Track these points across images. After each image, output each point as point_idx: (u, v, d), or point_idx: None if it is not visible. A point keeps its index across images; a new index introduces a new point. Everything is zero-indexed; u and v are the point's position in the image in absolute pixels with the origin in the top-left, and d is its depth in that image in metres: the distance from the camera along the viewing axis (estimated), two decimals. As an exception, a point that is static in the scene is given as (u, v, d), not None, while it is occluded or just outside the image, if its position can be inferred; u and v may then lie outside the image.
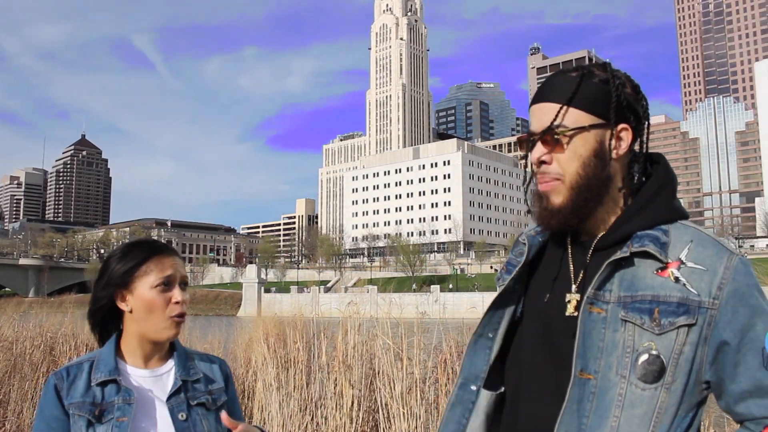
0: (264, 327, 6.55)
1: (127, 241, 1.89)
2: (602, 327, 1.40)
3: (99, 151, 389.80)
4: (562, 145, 1.47)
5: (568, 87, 1.47)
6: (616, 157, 1.48)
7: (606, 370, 1.38)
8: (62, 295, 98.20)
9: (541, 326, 1.52)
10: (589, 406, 1.37)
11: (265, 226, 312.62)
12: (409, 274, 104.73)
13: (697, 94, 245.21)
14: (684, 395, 1.37)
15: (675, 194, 1.51)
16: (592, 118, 1.46)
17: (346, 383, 5.64)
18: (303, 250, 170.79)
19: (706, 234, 1.44)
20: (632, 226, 1.44)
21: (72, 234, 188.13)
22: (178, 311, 1.87)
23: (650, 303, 1.37)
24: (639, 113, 1.51)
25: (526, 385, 1.52)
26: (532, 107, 1.54)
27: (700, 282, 1.37)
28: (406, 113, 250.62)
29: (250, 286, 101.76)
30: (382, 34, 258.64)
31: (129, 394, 1.81)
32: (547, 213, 1.50)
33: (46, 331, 9.37)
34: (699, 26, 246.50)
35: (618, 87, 1.47)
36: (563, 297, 1.50)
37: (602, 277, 1.42)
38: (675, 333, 1.35)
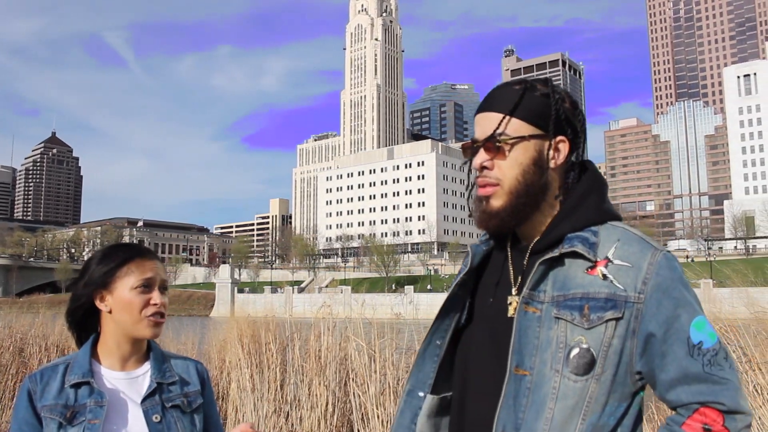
0: (238, 328, 6.52)
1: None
2: (537, 326, 1.48)
3: (70, 149, 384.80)
4: (503, 152, 1.55)
5: (511, 98, 1.57)
6: (553, 166, 1.57)
7: (541, 366, 1.46)
8: (32, 296, 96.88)
9: (486, 329, 1.61)
10: (525, 401, 1.45)
11: (238, 226, 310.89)
12: (383, 274, 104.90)
13: (668, 98, 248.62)
14: (614, 385, 1.45)
15: (604, 197, 1.60)
16: (533, 129, 1.55)
17: (321, 384, 5.65)
18: (277, 251, 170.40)
19: (633, 233, 1.54)
20: (563, 229, 1.54)
21: (42, 233, 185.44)
22: (155, 311, 1.88)
23: (581, 300, 1.46)
24: (576, 127, 1.61)
25: (472, 386, 1.60)
26: (477, 116, 1.63)
27: (626, 278, 1.45)
28: (381, 114, 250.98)
29: (224, 287, 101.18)
30: (357, 34, 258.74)
31: (101, 396, 1.81)
32: (486, 215, 1.59)
33: (15, 333, 9.24)
34: (670, 31, 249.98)
35: (558, 101, 1.57)
36: (505, 300, 1.58)
37: (535, 277, 1.51)
38: (603, 327, 1.44)
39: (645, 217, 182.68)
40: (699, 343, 1.43)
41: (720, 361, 1.43)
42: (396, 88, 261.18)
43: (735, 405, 1.40)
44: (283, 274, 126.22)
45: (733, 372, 1.44)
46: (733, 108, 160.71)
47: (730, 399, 1.41)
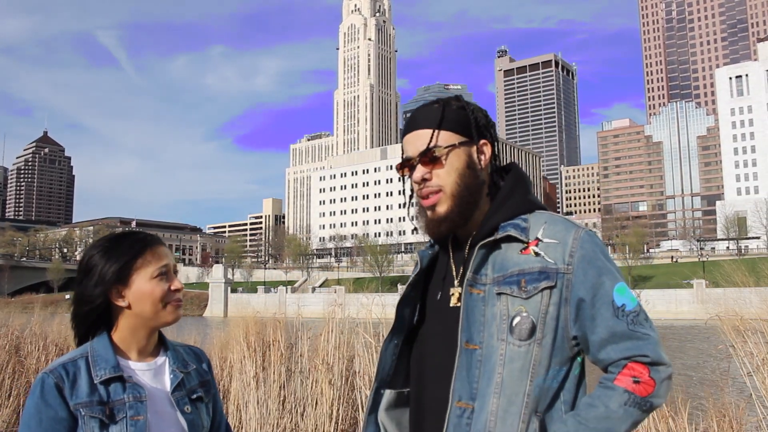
0: (244, 325, 6.47)
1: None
2: (482, 305, 1.66)
3: (62, 148, 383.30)
4: (440, 162, 1.73)
5: (434, 115, 1.77)
6: (483, 167, 1.78)
7: (489, 339, 1.63)
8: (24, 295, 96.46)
9: (437, 320, 1.78)
10: (478, 372, 1.62)
11: (231, 225, 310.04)
12: (377, 274, 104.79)
13: (661, 99, 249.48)
14: (554, 349, 1.62)
15: (529, 190, 1.80)
16: (460, 137, 1.75)
17: (326, 382, 5.61)
18: (270, 250, 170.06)
19: (557, 216, 1.74)
20: (496, 219, 1.72)
21: (34, 233, 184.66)
22: (176, 298, 1.87)
23: (518, 276, 1.64)
24: (492, 132, 1.82)
25: (428, 375, 1.76)
26: (406, 137, 1.82)
27: (555, 253, 1.65)
28: (374, 114, 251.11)
29: (217, 287, 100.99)
30: (350, 34, 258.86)
31: (139, 391, 1.77)
32: (435, 222, 1.76)
33: (11, 331, 9.17)
34: (662, 32, 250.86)
35: (473, 111, 1.80)
36: (449, 291, 1.78)
37: (476, 261, 1.69)
38: (540, 296, 1.62)
39: (638, 217, 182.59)
40: (622, 305, 1.61)
41: (641, 321, 1.61)
42: (389, 88, 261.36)
43: (657, 357, 1.58)
44: (277, 274, 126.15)
45: (653, 329, 1.62)
46: (725, 109, 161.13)
47: (653, 351, 1.58)
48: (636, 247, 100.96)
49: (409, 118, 1.84)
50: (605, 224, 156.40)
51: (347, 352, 5.95)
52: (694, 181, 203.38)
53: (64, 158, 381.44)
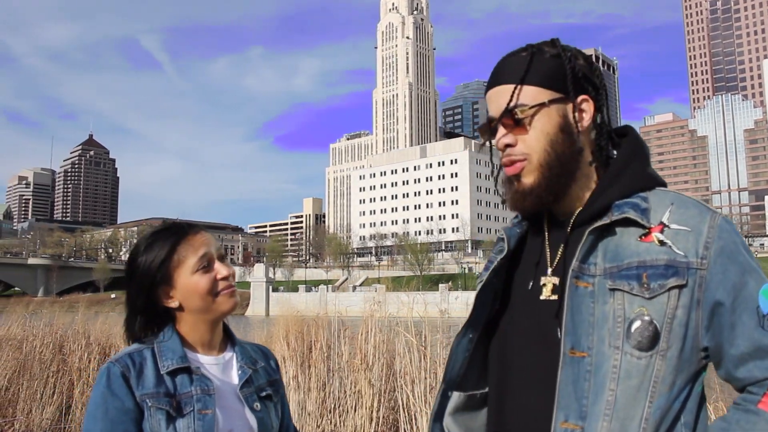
0: (285, 325, 6.41)
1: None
2: (591, 301, 1.35)
3: (106, 150, 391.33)
4: (524, 125, 1.43)
5: (519, 66, 1.45)
6: (582, 129, 1.45)
7: (600, 345, 1.32)
8: (71, 295, 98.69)
9: (526, 315, 1.48)
10: (587, 385, 1.31)
11: (272, 225, 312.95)
12: (417, 273, 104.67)
13: (705, 92, 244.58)
14: (681, 363, 1.32)
15: (648, 162, 1.49)
16: (551, 93, 1.43)
17: (366, 382, 5.50)
18: (311, 249, 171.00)
19: (686, 196, 1.43)
20: (609, 197, 1.41)
21: (80, 233, 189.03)
22: (226, 285, 1.76)
23: (637, 269, 1.33)
24: (596, 84, 1.49)
25: (514, 379, 1.46)
26: (488, 94, 1.53)
27: (685, 243, 1.34)
28: (413, 112, 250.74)
29: (259, 286, 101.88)
30: (388, 33, 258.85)
31: (207, 384, 1.69)
32: (519, 195, 1.46)
33: (55, 330, 9.29)
34: (707, 24, 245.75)
35: (570, 59, 1.46)
36: (541, 281, 1.48)
37: (585, 248, 1.38)
38: (666, 296, 1.31)
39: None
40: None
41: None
42: (428, 86, 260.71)
43: None
44: (318, 273, 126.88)
45: None
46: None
47: None
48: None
49: (493, 69, 1.52)
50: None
51: (387, 351, 5.84)
52: (741, 176, 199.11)
53: (109, 160, 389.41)
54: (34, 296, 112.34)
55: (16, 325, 10.26)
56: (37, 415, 7.39)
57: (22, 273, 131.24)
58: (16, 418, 7.40)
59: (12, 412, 7.57)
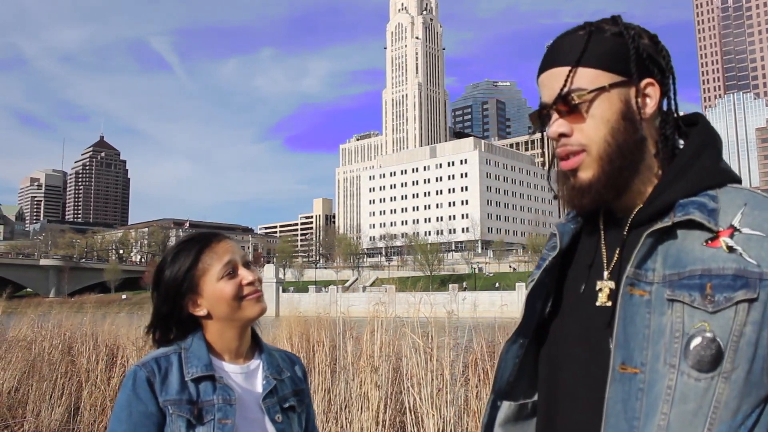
0: (288, 325, 6.39)
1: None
2: (646, 311, 1.19)
3: (117, 152, 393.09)
4: (581, 112, 1.27)
5: (576, 47, 1.29)
6: (645, 117, 1.29)
7: (653, 362, 1.17)
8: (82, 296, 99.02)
9: (578, 321, 1.33)
10: (639, 404, 1.16)
11: (282, 225, 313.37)
12: (427, 273, 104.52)
13: (717, 91, 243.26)
14: (748, 386, 1.13)
15: (720, 155, 1.31)
16: (611, 76, 1.27)
17: (372, 384, 5.47)
18: (321, 250, 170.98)
19: (763, 196, 1.24)
20: (673, 194, 1.24)
21: (91, 234, 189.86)
22: (252, 291, 1.78)
23: (700, 278, 1.16)
24: (662, 66, 1.32)
25: (563, 391, 1.32)
26: (541, 77, 1.35)
27: (759, 250, 1.15)
28: (423, 112, 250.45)
29: (268, 286, 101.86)
30: (397, 33, 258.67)
31: (229, 393, 1.70)
32: (577, 192, 1.30)
33: (64, 332, 9.32)
34: (718, 22, 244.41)
35: (634, 38, 1.29)
36: (596, 285, 1.32)
37: (642, 252, 1.22)
38: (733, 310, 1.13)
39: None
40: None
41: None
42: (437, 86, 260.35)
43: None
44: (328, 274, 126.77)
45: None
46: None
47: None
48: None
49: (548, 49, 1.36)
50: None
51: (393, 352, 5.81)
52: (753, 175, 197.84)
53: (120, 162, 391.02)
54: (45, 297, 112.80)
55: (25, 327, 10.31)
56: (47, 416, 7.41)
57: (34, 274, 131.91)
58: (25, 419, 7.41)
59: (22, 413, 7.59)
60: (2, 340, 9.96)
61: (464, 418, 5.12)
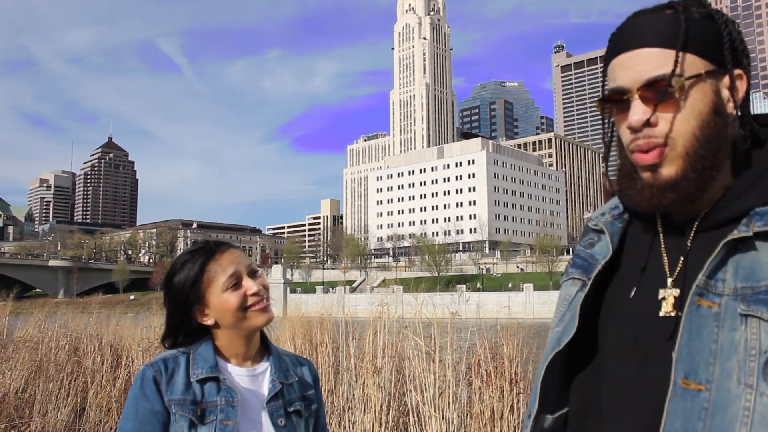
0: (290, 327, 6.39)
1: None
2: (715, 325, 1.09)
3: (126, 153, 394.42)
4: (674, 100, 1.13)
5: (668, 27, 1.14)
6: (732, 111, 1.17)
7: (723, 379, 1.06)
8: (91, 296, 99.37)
9: (627, 329, 1.21)
10: (702, 425, 1.05)
11: (290, 226, 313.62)
12: (435, 273, 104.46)
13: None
14: None
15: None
16: (707, 64, 1.14)
17: (375, 386, 5.46)
18: (328, 251, 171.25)
19: None
20: (748, 201, 1.13)
21: (100, 235, 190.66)
22: (256, 300, 1.80)
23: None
24: (745, 60, 1.19)
25: (608, 404, 1.21)
26: (619, 58, 1.18)
27: None
28: (430, 113, 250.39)
29: (276, 287, 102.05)
30: (405, 33, 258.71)
31: (232, 395, 1.73)
32: (657, 190, 1.16)
33: (71, 332, 9.35)
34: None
35: (727, 23, 1.17)
36: (655, 293, 1.19)
37: (716, 261, 1.12)
38: None
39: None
40: None
41: None
42: (445, 86, 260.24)
43: None
44: (335, 274, 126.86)
45: None
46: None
47: None
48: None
49: (624, 29, 1.20)
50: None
51: (396, 354, 5.80)
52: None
53: (128, 163, 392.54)
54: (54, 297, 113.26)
55: (32, 327, 10.35)
56: (53, 416, 7.44)
57: (43, 274, 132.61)
58: (32, 419, 7.44)
59: (28, 413, 7.62)
60: (9, 341, 10.03)
61: (467, 420, 5.11)
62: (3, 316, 10.97)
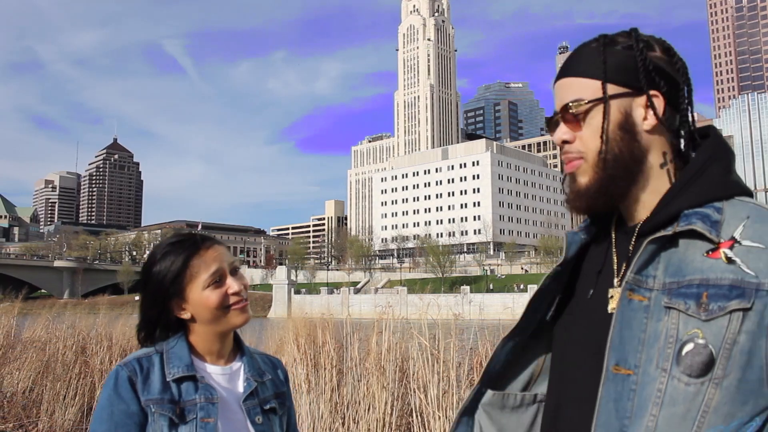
0: (294, 327, 6.45)
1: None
2: (644, 316, 1.24)
3: (130, 154, 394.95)
4: (580, 121, 1.36)
5: (587, 58, 1.37)
6: (648, 128, 1.33)
7: (646, 364, 1.22)
8: (96, 297, 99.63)
9: (584, 325, 1.39)
10: (630, 404, 1.21)
11: (294, 227, 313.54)
12: (439, 275, 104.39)
13: (731, 91, 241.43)
14: (742, 393, 1.15)
15: (730, 168, 1.33)
16: (614, 87, 1.33)
17: (378, 385, 5.52)
18: (332, 252, 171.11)
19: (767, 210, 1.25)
20: (679, 204, 1.28)
21: (105, 236, 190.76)
22: (237, 300, 1.79)
23: (698, 287, 1.20)
24: (674, 78, 1.35)
25: (568, 391, 1.39)
26: (555, 86, 1.43)
27: (757, 262, 1.18)
28: (435, 114, 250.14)
29: (280, 288, 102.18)
30: (409, 35, 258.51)
31: (211, 392, 1.72)
32: (574, 195, 1.39)
33: (78, 332, 9.42)
34: (732, 22, 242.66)
35: (642, 50, 1.33)
36: (606, 292, 1.36)
37: (642, 259, 1.27)
38: (726, 319, 1.16)
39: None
40: None
41: None
42: (449, 87, 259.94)
43: None
44: (340, 275, 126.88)
45: None
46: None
47: None
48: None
49: (564, 60, 1.44)
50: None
51: (400, 354, 5.85)
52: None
53: (133, 164, 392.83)
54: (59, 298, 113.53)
55: (40, 328, 10.44)
56: (60, 416, 7.50)
57: (48, 275, 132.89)
58: (39, 419, 7.52)
59: (36, 412, 7.69)
60: (17, 341, 10.12)
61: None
62: (11, 316, 11.05)
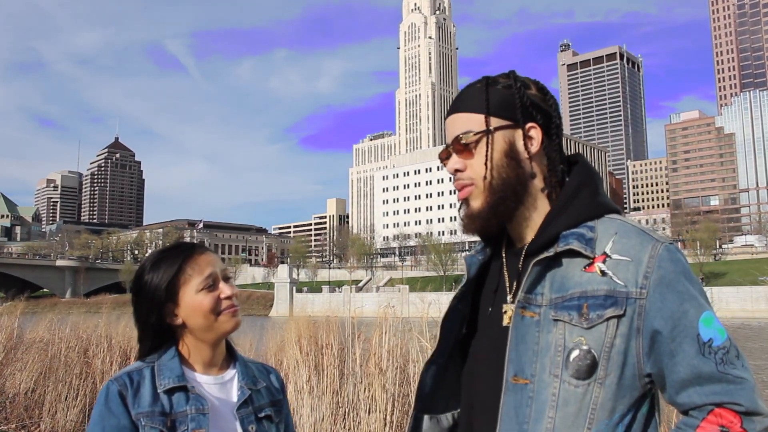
0: (296, 328, 6.44)
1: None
2: (536, 330, 1.40)
3: (132, 153, 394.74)
4: (470, 151, 1.51)
5: (472, 96, 1.54)
6: (529, 156, 1.50)
7: (541, 373, 1.37)
8: (98, 296, 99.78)
9: (487, 341, 1.53)
10: (528, 411, 1.37)
11: (296, 226, 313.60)
12: (441, 273, 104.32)
13: (732, 89, 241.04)
14: (621, 389, 1.35)
15: (598, 190, 1.50)
16: (498, 121, 1.50)
17: (380, 386, 5.52)
18: (334, 250, 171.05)
19: (631, 225, 1.44)
20: (557, 227, 1.45)
21: (107, 235, 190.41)
22: (229, 305, 1.79)
23: (579, 299, 1.37)
24: (548, 112, 1.54)
25: (477, 403, 1.52)
26: (448, 119, 1.59)
27: (626, 273, 1.36)
28: (436, 112, 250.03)
29: (282, 286, 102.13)
30: (410, 33, 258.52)
31: (202, 403, 1.71)
32: (468, 218, 1.53)
33: (80, 333, 9.41)
34: (734, 19, 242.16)
35: (520, 89, 1.52)
36: (501, 308, 1.51)
37: (530, 279, 1.43)
38: (604, 326, 1.35)
39: (709, 212, 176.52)
40: (709, 340, 1.33)
41: (732, 359, 1.33)
42: (451, 86, 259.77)
43: (753, 406, 1.30)
44: (341, 274, 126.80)
45: (747, 371, 1.33)
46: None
47: (747, 399, 1.30)
48: (707, 243, 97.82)
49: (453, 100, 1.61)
50: (674, 220, 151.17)
51: (401, 355, 5.85)
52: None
53: (135, 163, 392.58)
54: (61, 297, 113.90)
55: (42, 328, 10.44)
56: (62, 416, 7.50)
57: (51, 275, 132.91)
58: (42, 420, 7.53)
59: (38, 413, 7.71)
60: (20, 342, 10.13)
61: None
62: (14, 318, 11.05)
